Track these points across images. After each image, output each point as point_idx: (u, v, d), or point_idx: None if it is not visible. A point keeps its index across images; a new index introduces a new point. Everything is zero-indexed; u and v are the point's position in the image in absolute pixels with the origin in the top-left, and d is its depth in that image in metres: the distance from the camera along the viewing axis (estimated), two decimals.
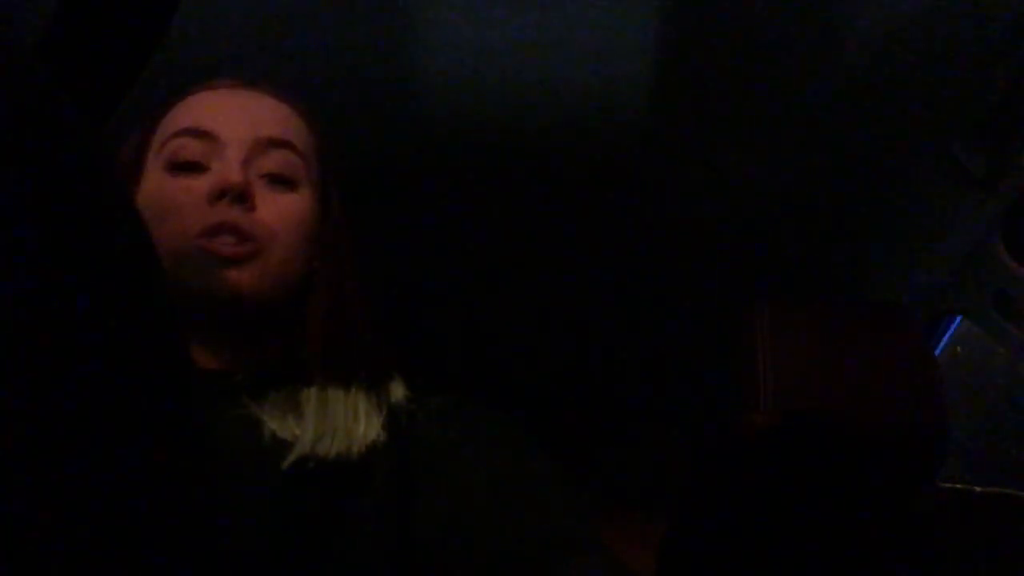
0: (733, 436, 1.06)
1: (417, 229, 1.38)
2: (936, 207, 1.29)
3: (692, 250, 1.41)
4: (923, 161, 1.25)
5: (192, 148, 0.82)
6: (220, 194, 0.79)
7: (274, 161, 0.83)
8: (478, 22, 1.10)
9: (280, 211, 0.82)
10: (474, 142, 1.26)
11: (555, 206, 1.35)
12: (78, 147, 0.41)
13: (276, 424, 0.76)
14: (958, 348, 1.62)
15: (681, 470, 1.06)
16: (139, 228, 0.44)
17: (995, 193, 1.19)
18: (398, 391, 0.84)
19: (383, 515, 0.75)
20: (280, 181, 0.83)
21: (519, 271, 1.44)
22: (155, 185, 0.82)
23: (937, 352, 1.46)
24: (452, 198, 1.33)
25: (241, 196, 0.79)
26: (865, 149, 1.26)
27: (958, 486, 1.20)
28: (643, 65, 1.15)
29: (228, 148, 0.81)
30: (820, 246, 1.41)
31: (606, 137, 1.25)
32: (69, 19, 0.50)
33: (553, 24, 1.11)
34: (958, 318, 1.43)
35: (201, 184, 0.80)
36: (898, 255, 1.40)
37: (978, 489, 1.18)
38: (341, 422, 0.77)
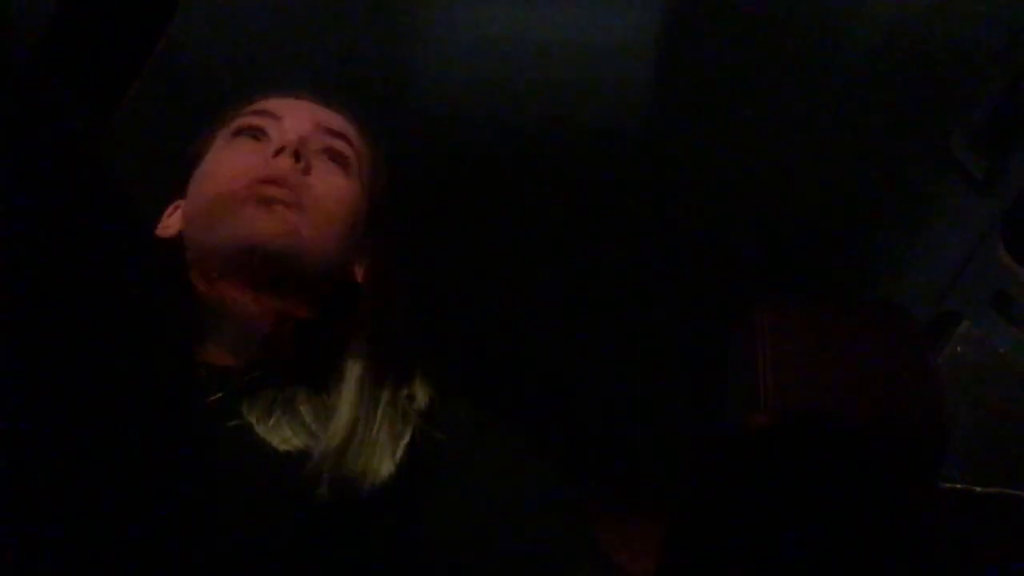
0: (733, 436, 1.06)
1: (415, 228, 1.38)
2: (936, 207, 1.29)
3: (692, 250, 1.41)
4: (923, 161, 1.25)
5: (256, 121, 0.88)
6: (279, 149, 0.84)
7: (331, 143, 0.89)
8: (478, 21, 1.10)
9: (331, 183, 0.86)
10: (474, 141, 1.26)
11: (555, 205, 1.35)
12: (80, 146, 0.41)
13: (274, 435, 0.75)
14: (958, 348, 1.62)
15: (681, 470, 1.06)
16: (140, 225, 0.44)
17: (995, 193, 1.19)
18: (422, 397, 0.83)
19: (388, 521, 0.75)
20: (335, 160, 0.88)
21: (518, 269, 1.44)
22: (217, 149, 0.88)
23: (937, 352, 1.46)
24: (450, 197, 1.33)
25: (297, 154, 0.84)
26: (865, 149, 1.26)
27: (958, 486, 1.20)
28: (642, 65, 1.15)
29: (288, 128, 0.87)
30: (820, 246, 1.41)
31: (606, 137, 1.25)
32: (69, 19, 0.51)
33: (554, 24, 1.11)
34: (958, 318, 1.43)
35: (262, 147, 0.86)
36: (898, 255, 1.40)
37: (978, 489, 1.18)
38: (358, 452, 0.75)
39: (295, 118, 0.88)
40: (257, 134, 0.87)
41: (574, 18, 1.10)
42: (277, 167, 0.83)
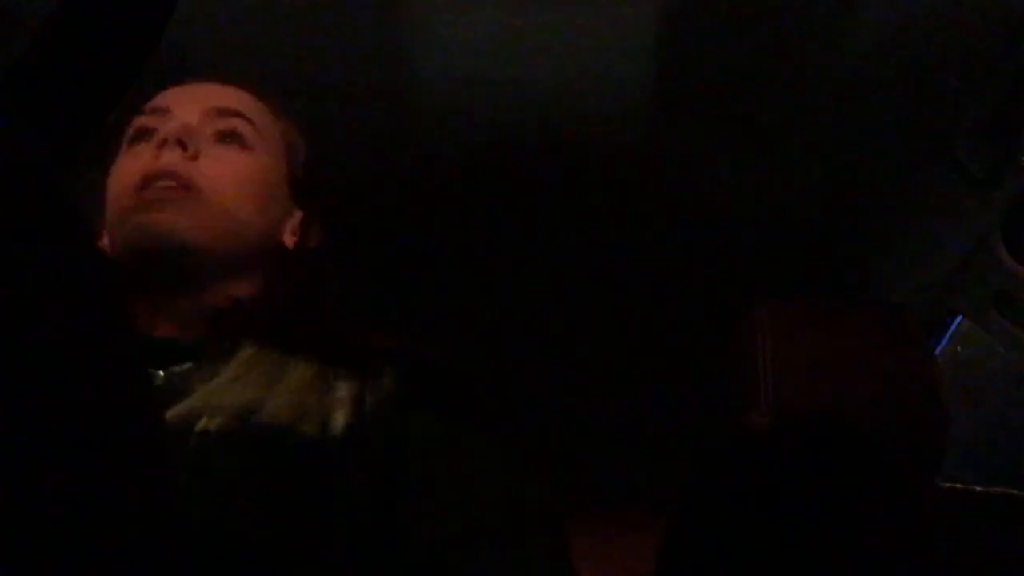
0: (733, 436, 1.06)
1: (415, 228, 1.38)
2: (936, 207, 1.29)
3: (692, 250, 1.41)
4: (923, 161, 1.25)
5: (146, 122, 0.86)
6: (161, 143, 0.83)
7: (224, 123, 0.87)
8: (477, 22, 1.10)
9: (225, 163, 0.85)
10: (472, 142, 1.26)
11: (554, 206, 1.35)
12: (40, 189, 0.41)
13: (215, 396, 0.73)
14: (958, 348, 1.62)
15: (681, 470, 1.06)
16: (99, 262, 0.44)
17: (995, 193, 1.19)
18: (388, 380, 0.80)
19: (351, 500, 0.72)
20: (229, 139, 0.87)
21: (517, 269, 1.44)
22: (118, 160, 0.86)
23: (937, 352, 1.46)
24: (449, 196, 1.33)
25: (180, 143, 0.82)
26: (865, 150, 1.26)
27: (958, 486, 1.20)
28: (642, 66, 1.15)
29: (177, 117, 0.86)
30: (820, 246, 1.41)
31: (606, 138, 1.25)
32: (67, 19, 0.50)
33: (552, 25, 1.11)
34: (958, 318, 1.43)
35: (151, 147, 0.84)
36: (898, 255, 1.40)
37: (978, 489, 1.18)
38: (310, 402, 0.74)
39: (182, 107, 0.87)
40: (148, 136, 0.85)
41: (573, 18, 1.10)
42: (162, 163, 0.82)
